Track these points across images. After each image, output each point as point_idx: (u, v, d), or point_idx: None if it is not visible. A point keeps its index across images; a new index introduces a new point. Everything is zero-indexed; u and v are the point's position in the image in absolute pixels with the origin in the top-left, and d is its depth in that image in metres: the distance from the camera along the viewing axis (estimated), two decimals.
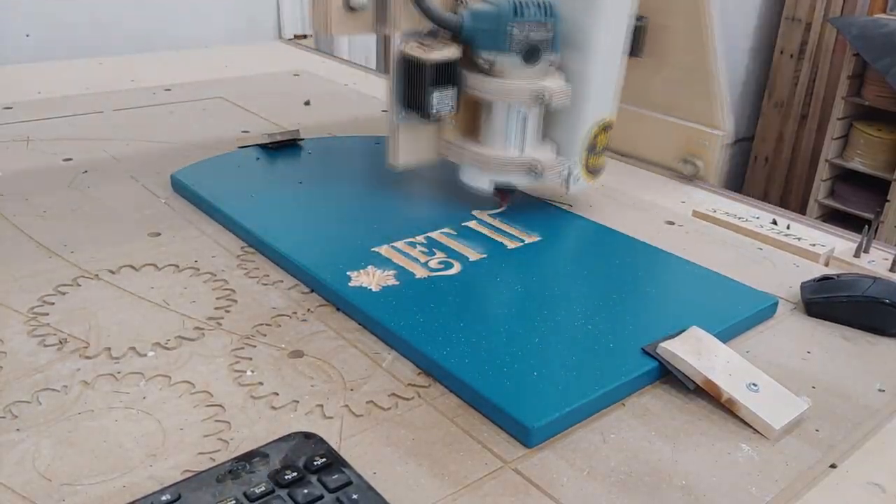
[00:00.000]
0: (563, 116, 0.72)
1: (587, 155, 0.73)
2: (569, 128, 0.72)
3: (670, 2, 0.91)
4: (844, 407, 0.52)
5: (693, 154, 0.92)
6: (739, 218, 0.80)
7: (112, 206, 0.76)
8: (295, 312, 0.59)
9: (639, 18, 0.94)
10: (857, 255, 0.73)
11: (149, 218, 0.74)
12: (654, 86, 0.96)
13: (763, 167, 3.19)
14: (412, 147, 0.73)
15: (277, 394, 0.50)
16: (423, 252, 0.67)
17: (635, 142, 0.99)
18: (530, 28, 0.66)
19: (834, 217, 2.63)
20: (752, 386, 0.51)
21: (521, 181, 0.72)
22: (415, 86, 0.67)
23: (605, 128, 0.74)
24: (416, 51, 0.66)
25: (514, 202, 0.76)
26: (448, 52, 0.66)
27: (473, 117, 0.73)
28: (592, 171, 0.75)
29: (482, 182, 0.73)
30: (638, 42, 0.94)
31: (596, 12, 0.68)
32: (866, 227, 0.75)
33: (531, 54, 0.66)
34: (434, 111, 0.68)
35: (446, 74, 0.67)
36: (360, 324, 0.58)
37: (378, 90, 1.26)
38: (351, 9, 0.67)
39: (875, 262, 0.72)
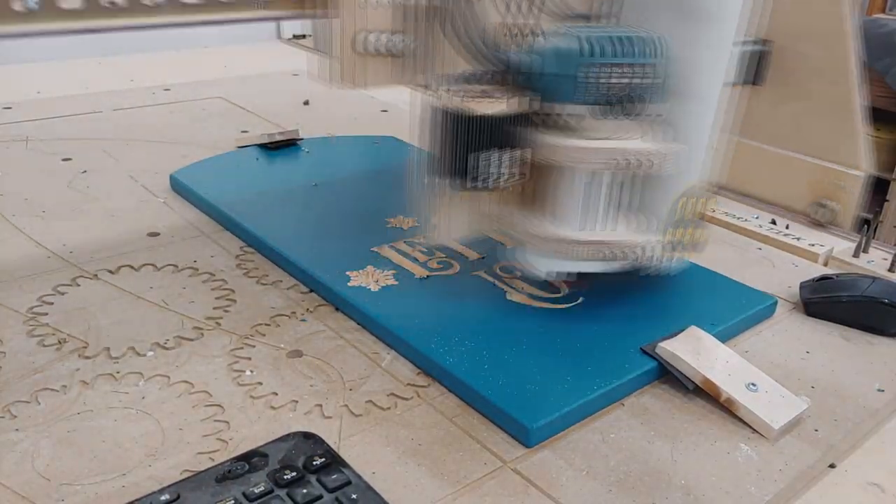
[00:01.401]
0: (657, 183, 0.55)
1: (685, 229, 0.58)
2: (664, 197, 0.57)
3: (805, 24, 0.79)
4: (844, 407, 0.52)
5: (826, 196, 0.80)
6: (739, 218, 0.80)
7: (111, 206, 0.76)
8: (294, 312, 0.59)
9: (761, 43, 0.81)
10: (856, 254, 0.73)
11: (148, 218, 0.74)
12: (779, 118, 0.83)
13: None
14: (456, 219, 0.57)
15: (276, 394, 0.50)
16: (422, 252, 0.67)
17: (755, 181, 0.86)
18: (608, 71, 0.49)
19: None
20: (752, 386, 0.51)
21: (597, 267, 0.56)
22: (463, 146, 0.51)
23: (697, 194, 0.58)
24: (464, 101, 0.51)
25: (590, 286, 0.61)
26: (505, 102, 0.51)
27: (534, 184, 0.57)
28: (689, 247, 0.59)
29: (547, 267, 0.56)
30: (759, 69, 0.82)
31: (701, 48, 0.53)
32: (865, 226, 0.75)
33: (623, 106, 0.50)
34: (490, 179, 0.52)
35: (501, 132, 0.51)
36: (359, 324, 0.58)
37: (377, 90, 1.25)
38: (387, 54, 0.53)
39: (874, 261, 0.72)
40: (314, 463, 0.42)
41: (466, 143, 0.51)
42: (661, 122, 0.54)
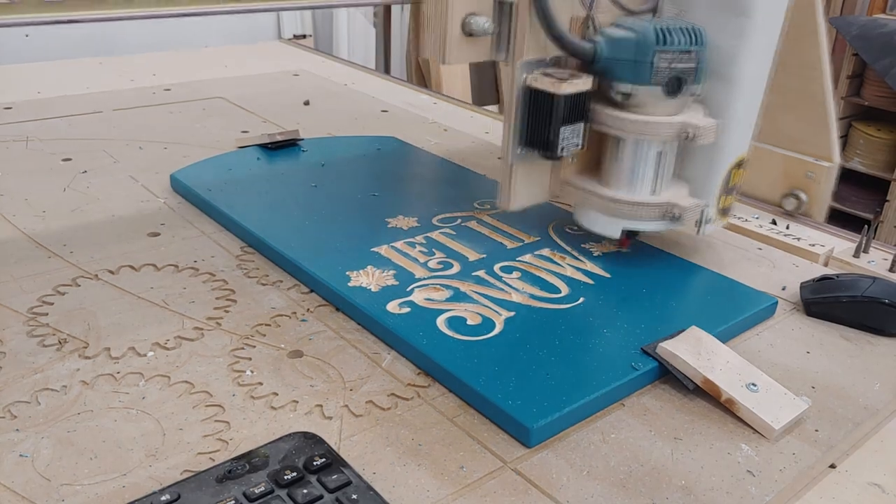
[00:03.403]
0: (700, 153, 0.65)
1: (722, 195, 0.66)
2: (707, 166, 0.66)
3: None
4: (844, 407, 0.52)
5: (797, 187, 0.83)
6: (739, 218, 0.80)
7: (111, 206, 0.76)
8: (294, 312, 0.59)
9: None
10: (856, 255, 0.73)
11: (148, 218, 0.74)
12: None
13: None
14: (527, 188, 0.66)
15: (277, 394, 0.50)
16: (422, 252, 0.67)
17: None
18: (675, 57, 0.59)
19: (833, 217, 2.63)
20: (752, 386, 0.51)
21: (654, 227, 0.65)
22: (541, 121, 0.60)
23: (740, 164, 0.67)
24: (544, 83, 0.59)
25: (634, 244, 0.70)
26: (581, 83, 0.59)
27: (595, 154, 0.67)
28: (724, 212, 0.68)
29: (610, 229, 0.66)
30: None
31: (746, 39, 0.61)
32: (866, 227, 0.75)
33: (675, 86, 0.59)
34: (561, 149, 0.60)
35: (577, 108, 0.60)
36: (359, 324, 0.58)
37: (377, 90, 1.26)
38: (470, 35, 0.62)
39: (874, 262, 0.72)
40: (314, 463, 0.42)
41: (547, 118, 0.60)
42: (703, 101, 0.64)
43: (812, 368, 0.56)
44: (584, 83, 0.60)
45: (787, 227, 0.79)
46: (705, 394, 0.52)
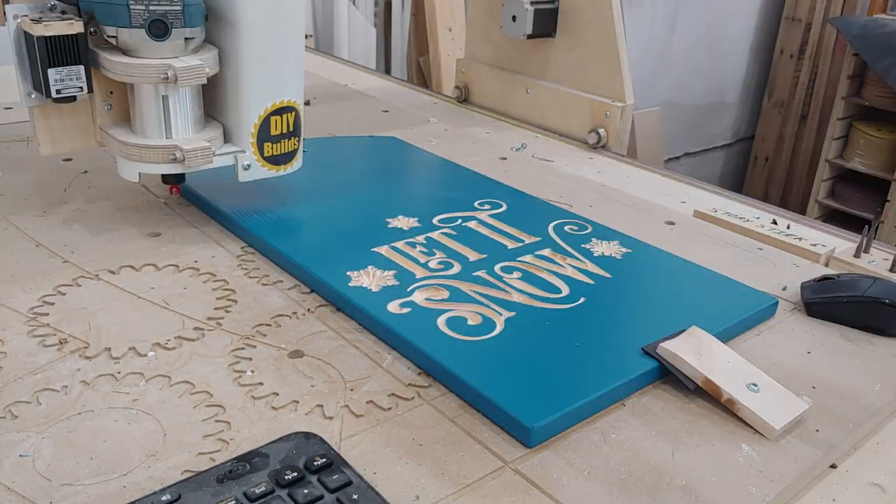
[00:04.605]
0: (224, 98, 0.68)
1: (260, 141, 0.68)
2: (233, 110, 0.67)
3: None
4: (844, 407, 0.52)
5: (598, 125, 1.01)
6: (740, 218, 0.80)
7: (112, 207, 0.76)
8: (295, 312, 0.59)
9: (552, 1, 1.03)
10: (857, 255, 0.73)
11: (149, 218, 0.74)
12: (565, 63, 1.05)
13: (763, 167, 3.19)
14: (59, 134, 0.68)
15: (277, 394, 0.50)
16: (422, 252, 0.67)
17: (550, 115, 1.08)
18: (151, 0, 0.60)
19: (834, 217, 2.64)
20: (752, 386, 0.51)
21: (166, 169, 0.66)
22: (34, 64, 0.62)
23: (282, 111, 0.68)
24: (28, 25, 0.61)
25: (182, 192, 0.75)
26: (63, 26, 0.61)
27: (122, 98, 0.69)
28: (273, 160, 0.70)
29: (128, 173, 0.67)
30: (551, 23, 1.04)
31: None
32: (866, 227, 0.75)
33: (157, 29, 0.61)
34: (57, 91, 0.62)
35: (66, 51, 0.61)
36: (360, 324, 0.58)
37: (377, 90, 1.26)
38: None
39: (875, 262, 0.72)
40: (315, 463, 0.42)
41: (35, 60, 0.61)
42: (211, 44, 0.66)
43: (812, 368, 0.56)
44: (67, 26, 0.61)
45: (788, 227, 0.79)
46: (706, 394, 0.52)
